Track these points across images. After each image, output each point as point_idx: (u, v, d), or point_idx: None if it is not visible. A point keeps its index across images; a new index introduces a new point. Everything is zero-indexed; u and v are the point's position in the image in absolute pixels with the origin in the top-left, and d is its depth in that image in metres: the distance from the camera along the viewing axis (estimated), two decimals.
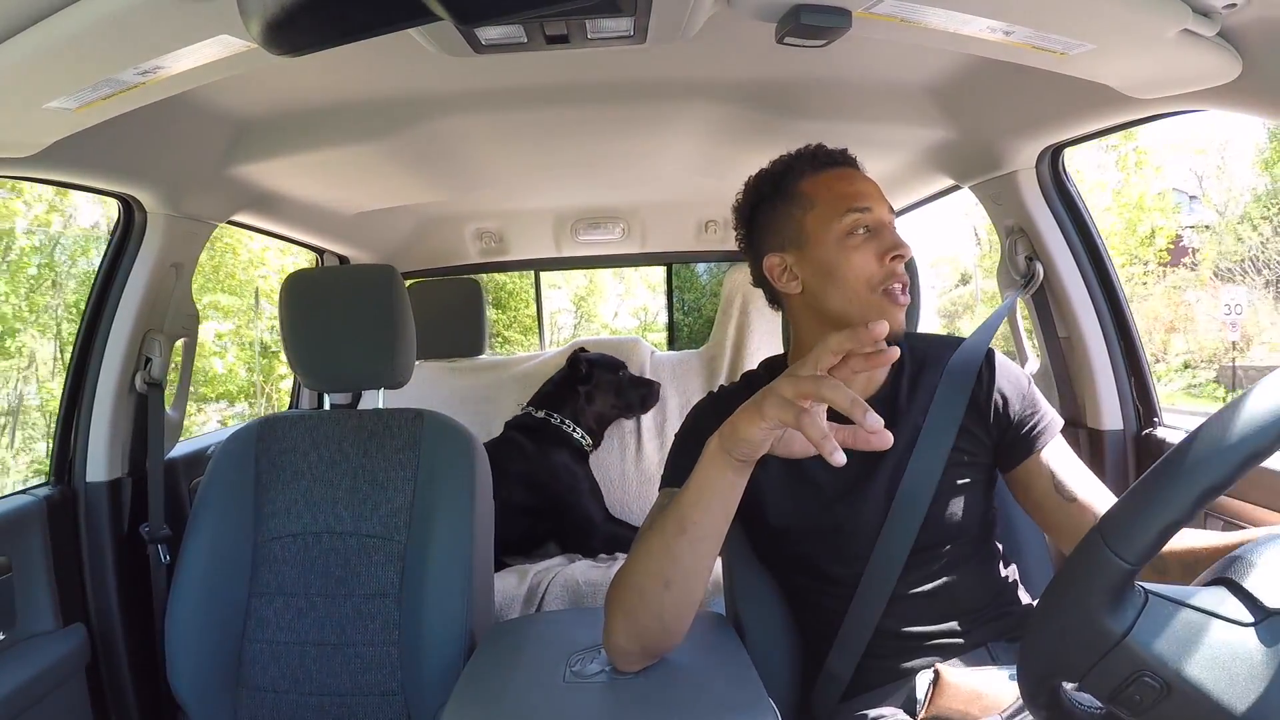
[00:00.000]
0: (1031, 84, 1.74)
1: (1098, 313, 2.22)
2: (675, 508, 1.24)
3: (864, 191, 1.48)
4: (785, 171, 1.56)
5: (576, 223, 3.61)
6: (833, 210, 1.48)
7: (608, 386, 3.42)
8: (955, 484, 1.51)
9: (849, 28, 1.24)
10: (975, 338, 1.65)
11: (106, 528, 2.10)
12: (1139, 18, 1.20)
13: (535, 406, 3.35)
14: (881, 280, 1.44)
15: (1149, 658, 0.77)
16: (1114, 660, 0.79)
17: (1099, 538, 0.80)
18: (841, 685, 1.50)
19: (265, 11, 0.87)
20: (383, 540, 1.93)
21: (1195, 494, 0.76)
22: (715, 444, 1.20)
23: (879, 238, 1.46)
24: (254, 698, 1.88)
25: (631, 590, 1.29)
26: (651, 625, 1.29)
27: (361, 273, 2.23)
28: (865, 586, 1.47)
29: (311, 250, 3.45)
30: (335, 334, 2.00)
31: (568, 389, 3.38)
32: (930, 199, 2.92)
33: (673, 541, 1.23)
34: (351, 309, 2.01)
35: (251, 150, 2.11)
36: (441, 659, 1.79)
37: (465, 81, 1.93)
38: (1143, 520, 0.78)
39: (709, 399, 1.65)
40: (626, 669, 1.35)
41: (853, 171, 1.54)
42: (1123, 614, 0.79)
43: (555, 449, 3.23)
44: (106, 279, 2.14)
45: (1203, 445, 0.77)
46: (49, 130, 1.48)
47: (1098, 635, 0.79)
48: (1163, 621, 0.78)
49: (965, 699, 1.31)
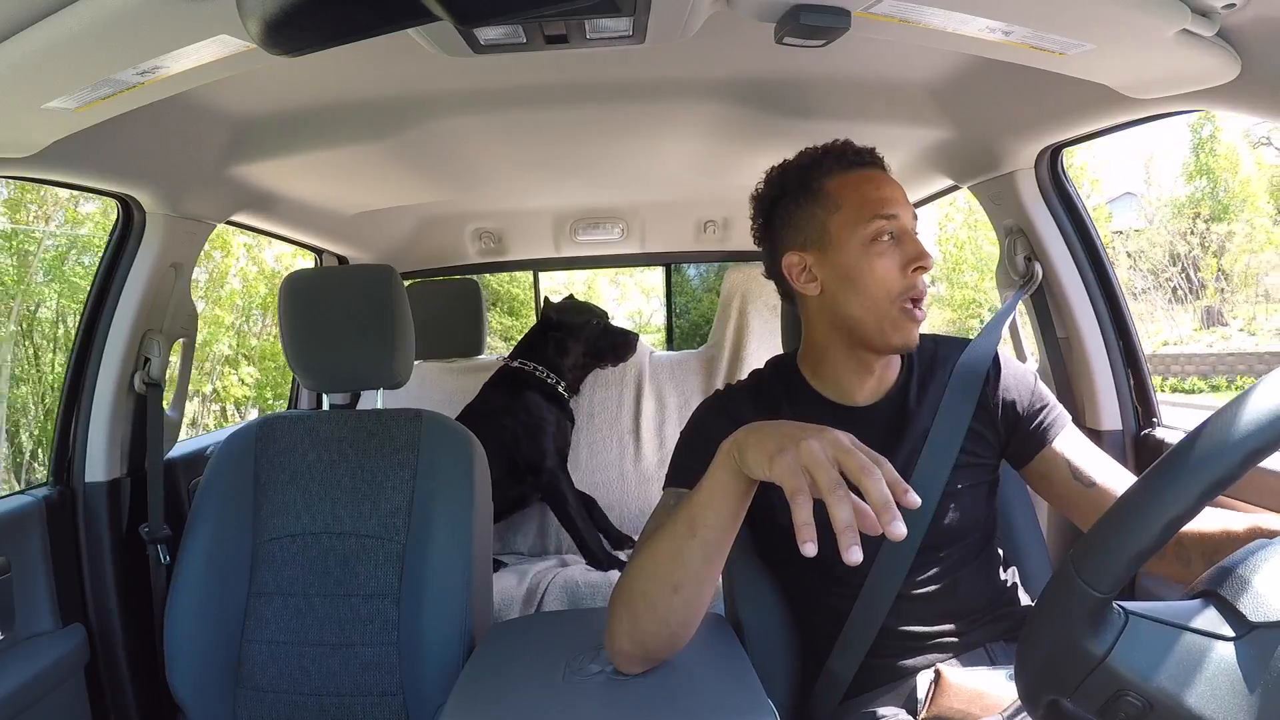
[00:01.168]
0: (1030, 84, 1.74)
1: (1096, 313, 2.21)
2: (686, 509, 1.22)
3: (891, 197, 1.47)
4: (812, 167, 1.55)
5: (576, 223, 3.61)
6: (859, 215, 1.47)
7: (578, 332, 3.48)
8: (960, 487, 1.51)
9: (848, 28, 1.24)
10: (981, 340, 1.65)
11: (105, 528, 2.10)
12: (1138, 18, 1.20)
13: (510, 359, 3.44)
14: (901, 292, 1.44)
15: (1130, 677, 0.79)
16: (1096, 680, 0.80)
17: (1071, 569, 0.81)
18: (843, 685, 1.50)
19: (264, 11, 0.87)
20: (382, 541, 1.93)
21: (1161, 524, 0.78)
22: (729, 445, 1.18)
23: (903, 247, 1.45)
24: (253, 698, 1.88)
25: (637, 594, 1.28)
26: (657, 629, 1.28)
27: (360, 273, 2.23)
28: (871, 587, 1.47)
29: (310, 250, 3.45)
30: (334, 334, 2.00)
31: (540, 338, 3.46)
32: (929, 199, 2.92)
33: (683, 544, 1.21)
34: (350, 309, 2.01)
35: (251, 150, 2.11)
36: (440, 659, 1.80)
37: (464, 81, 1.93)
38: (1111, 552, 0.80)
39: (715, 399, 1.63)
40: (629, 671, 1.34)
41: (880, 174, 1.52)
42: (1102, 637, 0.80)
43: (527, 390, 3.30)
44: (105, 279, 2.14)
45: (1165, 477, 0.79)
46: (49, 130, 1.48)
47: (1079, 658, 0.80)
48: (1142, 641, 0.80)
49: (966, 699, 1.32)
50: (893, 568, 1.46)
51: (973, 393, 1.54)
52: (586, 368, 3.56)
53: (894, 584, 1.46)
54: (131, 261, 2.12)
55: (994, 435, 1.55)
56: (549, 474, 3.18)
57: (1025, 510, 1.84)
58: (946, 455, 1.49)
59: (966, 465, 1.51)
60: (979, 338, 1.67)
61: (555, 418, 3.33)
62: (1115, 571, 0.79)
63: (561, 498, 3.16)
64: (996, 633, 1.50)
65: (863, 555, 1.02)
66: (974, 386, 1.54)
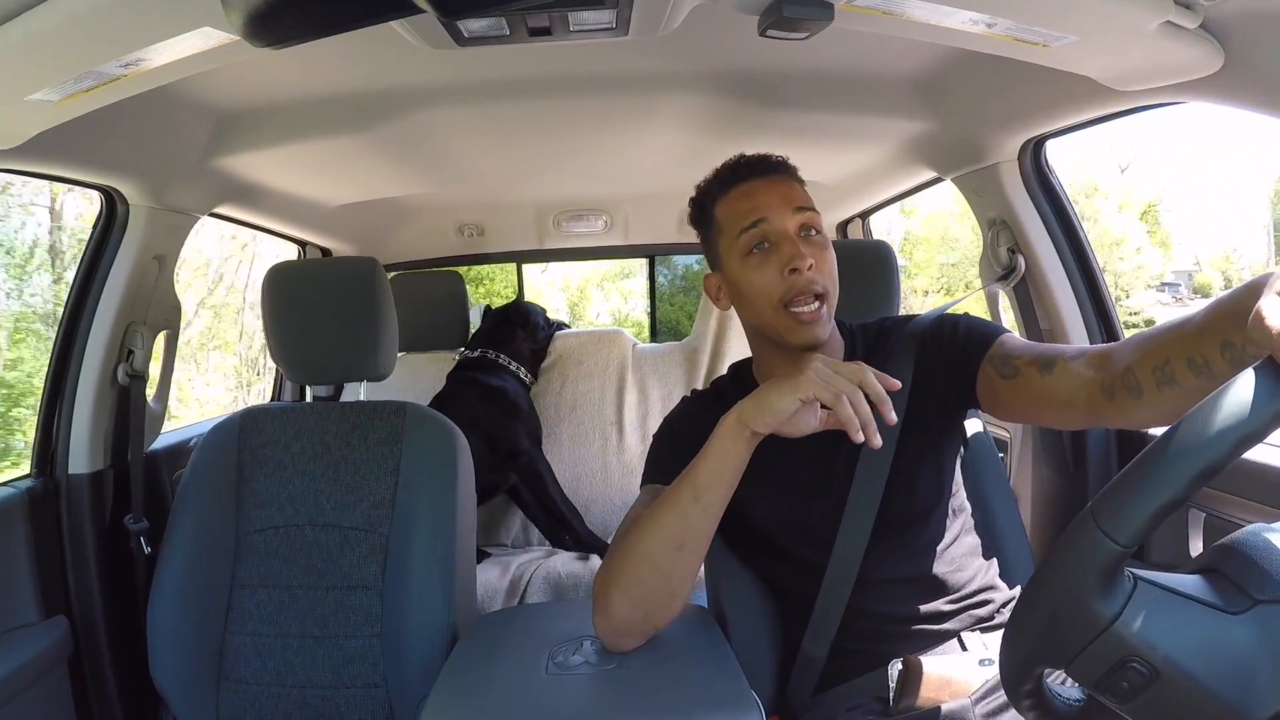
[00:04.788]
0: (1013, 76, 1.75)
1: (1079, 305, 2.23)
2: (688, 480, 1.33)
3: (760, 205, 1.48)
4: (705, 195, 1.61)
5: (559, 215, 3.62)
6: (731, 232, 1.51)
7: (529, 319, 3.66)
8: (915, 458, 1.51)
9: (831, 20, 1.24)
10: (925, 315, 1.64)
11: (88, 520, 2.09)
12: (1121, 9, 1.21)
13: (471, 348, 3.53)
14: (781, 297, 1.45)
15: (1138, 643, 0.77)
16: (1103, 645, 0.79)
17: (1091, 519, 0.80)
18: (817, 667, 1.51)
19: (248, 4, 0.87)
20: (365, 533, 1.93)
21: (1191, 474, 0.76)
22: (733, 418, 1.31)
23: (778, 251, 1.46)
24: (236, 690, 1.88)
25: (639, 558, 1.35)
26: (659, 587, 1.36)
27: (344, 265, 2.23)
28: (832, 569, 1.48)
29: (294, 242, 3.44)
30: (317, 326, 2.00)
31: (501, 328, 3.57)
32: (912, 191, 2.94)
33: (689, 508, 1.32)
34: (334, 301, 2.00)
35: (234, 143, 2.10)
36: (424, 651, 1.80)
37: (448, 74, 1.93)
38: (1137, 501, 0.78)
39: (684, 403, 1.71)
40: (624, 646, 1.39)
41: (755, 184, 1.52)
42: (1113, 598, 0.79)
43: (496, 376, 3.39)
44: (89, 271, 2.13)
45: (1197, 426, 0.77)
46: (32, 122, 1.47)
47: (1088, 619, 0.79)
48: (1151, 607, 0.78)
49: (935, 685, 1.35)
50: (850, 549, 1.47)
51: (908, 361, 1.53)
52: (538, 355, 3.66)
53: (853, 564, 1.47)
54: (115, 253, 2.11)
55: (944, 384, 1.51)
56: (526, 455, 3.26)
57: (1005, 499, 1.85)
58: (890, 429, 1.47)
59: (919, 432, 1.50)
60: (927, 313, 1.65)
61: (526, 403, 3.41)
62: (1139, 522, 0.77)
63: (540, 478, 3.26)
64: (973, 620, 1.50)
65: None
66: (909, 354, 1.54)
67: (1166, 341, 1.15)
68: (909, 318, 1.65)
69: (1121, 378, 1.20)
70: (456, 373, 3.42)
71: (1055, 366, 1.34)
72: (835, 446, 1.50)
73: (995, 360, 1.44)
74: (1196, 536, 1.90)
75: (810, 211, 1.50)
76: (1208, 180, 32.26)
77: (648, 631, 1.40)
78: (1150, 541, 2.01)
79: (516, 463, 3.24)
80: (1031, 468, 2.39)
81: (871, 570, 1.48)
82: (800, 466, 1.54)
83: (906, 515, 1.51)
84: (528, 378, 3.50)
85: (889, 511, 1.48)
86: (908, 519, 1.51)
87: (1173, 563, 1.96)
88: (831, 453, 1.52)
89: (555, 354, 3.74)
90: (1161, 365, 1.14)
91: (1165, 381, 1.14)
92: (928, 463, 1.54)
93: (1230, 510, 1.80)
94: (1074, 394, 1.30)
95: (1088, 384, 1.27)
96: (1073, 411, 1.32)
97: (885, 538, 1.48)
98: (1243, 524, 1.70)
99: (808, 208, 1.50)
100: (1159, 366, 1.14)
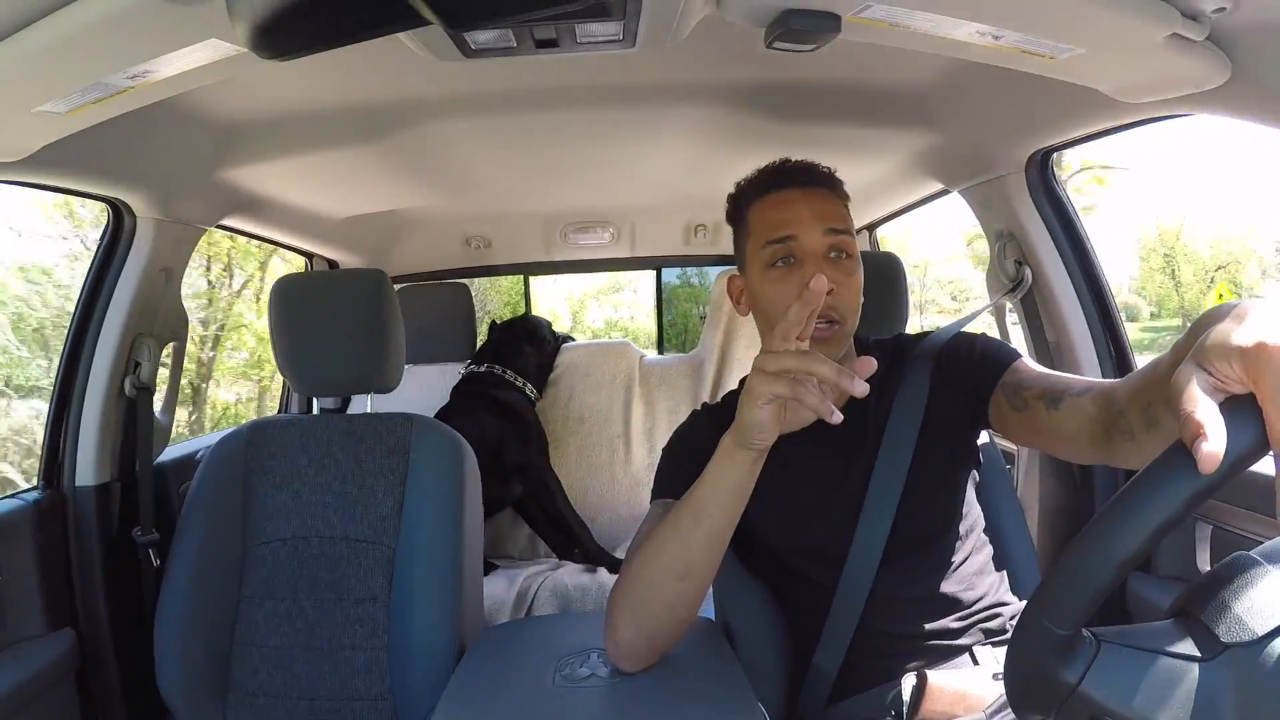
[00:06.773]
0: (1020, 88, 1.74)
1: (1086, 317, 2.21)
2: (689, 503, 1.29)
3: (792, 219, 1.45)
4: (741, 194, 1.58)
5: (566, 227, 3.63)
6: (759, 239, 1.49)
7: (536, 333, 3.68)
8: (928, 480, 1.50)
9: (838, 32, 1.23)
10: (942, 330, 1.64)
11: (95, 532, 2.09)
12: (1128, 21, 1.20)
13: (478, 364, 3.52)
14: None
15: (1104, 703, 0.79)
16: (1072, 708, 0.80)
17: (1035, 610, 0.82)
18: (829, 682, 1.50)
19: (254, 15, 0.87)
20: (371, 545, 1.92)
21: (1114, 565, 0.77)
22: (730, 440, 1.25)
23: (802, 270, 1.43)
24: (243, 702, 1.87)
25: (643, 583, 1.32)
26: (663, 615, 1.33)
27: (351, 277, 2.23)
28: (842, 590, 1.47)
29: (301, 254, 3.45)
30: (324, 338, 2.00)
31: (507, 343, 3.58)
32: (919, 203, 2.93)
33: (689, 534, 1.28)
34: (341, 313, 2.01)
35: (241, 154, 2.11)
36: (430, 664, 1.79)
37: (454, 86, 1.93)
38: (1068, 595, 0.80)
39: (693, 417, 1.68)
40: (629, 667, 1.37)
41: (793, 194, 1.49)
42: (1073, 666, 0.80)
43: (503, 391, 3.40)
44: (96, 283, 2.13)
45: (1114, 517, 0.78)
46: (39, 134, 1.48)
47: (1053, 687, 0.80)
48: (1115, 667, 0.79)
49: (949, 700, 1.33)
50: (862, 568, 1.46)
51: (925, 375, 1.53)
52: (544, 369, 3.67)
53: (864, 584, 1.46)
54: (122, 265, 2.12)
55: (958, 407, 1.51)
56: (535, 469, 3.27)
57: (1013, 513, 1.84)
58: (903, 450, 1.48)
59: (933, 451, 1.50)
60: (939, 331, 1.65)
61: (533, 417, 3.43)
62: (1073, 612, 0.79)
63: (548, 491, 3.27)
64: (984, 634, 1.49)
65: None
66: (926, 369, 1.54)
67: (1151, 381, 1.11)
68: (924, 334, 1.65)
69: (1116, 420, 1.18)
70: (462, 386, 3.43)
71: (1062, 403, 1.32)
72: (847, 467, 1.50)
73: (1007, 389, 1.43)
74: (1204, 549, 1.89)
75: (844, 235, 1.46)
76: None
77: (655, 655, 1.39)
78: (1158, 555, 2.02)
79: (524, 476, 3.25)
80: (1039, 480, 2.38)
81: (882, 590, 1.47)
82: (811, 487, 1.53)
83: (918, 538, 1.50)
84: (533, 393, 3.52)
85: (900, 534, 1.47)
86: (919, 541, 1.50)
87: (1180, 575, 1.96)
88: (843, 473, 1.51)
89: (562, 366, 3.74)
90: (1145, 407, 1.11)
91: (1151, 424, 1.11)
92: (940, 485, 1.53)
93: (1237, 523, 1.79)
94: (1078, 432, 1.28)
95: (1091, 423, 1.25)
96: (1078, 448, 1.31)
97: (896, 559, 1.47)
98: (1248, 536, 1.71)
99: (842, 230, 1.46)
100: (1144, 409, 1.12)
